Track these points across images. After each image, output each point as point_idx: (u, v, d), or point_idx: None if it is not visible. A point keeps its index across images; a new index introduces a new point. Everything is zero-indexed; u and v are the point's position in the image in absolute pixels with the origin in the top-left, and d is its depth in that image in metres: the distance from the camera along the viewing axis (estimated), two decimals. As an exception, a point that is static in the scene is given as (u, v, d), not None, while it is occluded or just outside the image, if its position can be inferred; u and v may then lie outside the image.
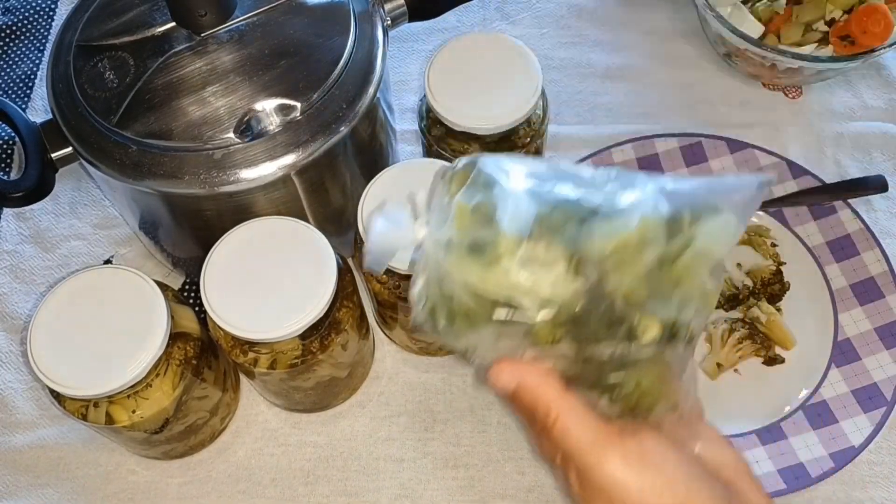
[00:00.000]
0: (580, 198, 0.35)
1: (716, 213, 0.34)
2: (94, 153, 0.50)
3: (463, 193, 0.35)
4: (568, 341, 0.34)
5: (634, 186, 0.35)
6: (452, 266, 0.34)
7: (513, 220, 0.33)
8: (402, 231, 0.36)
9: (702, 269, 0.34)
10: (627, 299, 0.33)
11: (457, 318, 0.35)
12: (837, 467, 0.55)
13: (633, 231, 0.33)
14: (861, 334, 0.60)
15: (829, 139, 0.71)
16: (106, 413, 0.49)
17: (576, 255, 0.33)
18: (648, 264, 0.34)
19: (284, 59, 0.51)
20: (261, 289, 0.48)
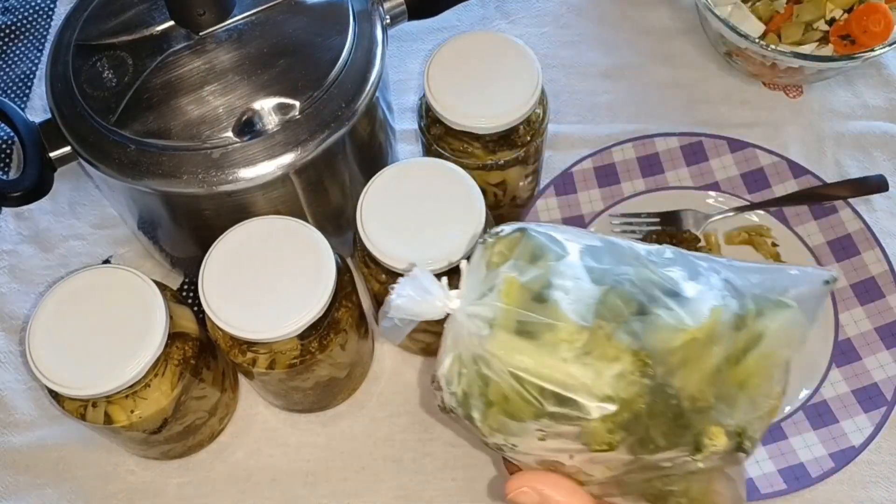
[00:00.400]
0: (641, 280, 0.32)
1: (782, 308, 0.32)
2: (93, 153, 0.50)
3: (512, 265, 0.31)
4: (625, 447, 0.30)
5: (697, 272, 0.32)
6: (497, 347, 0.30)
7: (573, 304, 0.30)
8: (430, 299, 0.32)
9: (770, 371, 0.32)
10: (694, 402, 0.30)
11: (495, 407, 0.31)
12: (838, 467, 0.55)
13: (703, 325, 0.30)
14: (861, 334, 0.60)
15: (829, 138, 0.71)
16: (105, 413, 0.49)
17: (641, 349, 0.30)
18: (716, 363, 0.31)
19: (283, 58, 0.51)
20: (259, 288, 0.48)
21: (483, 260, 0.33)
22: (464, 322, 0.31)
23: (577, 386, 0.29)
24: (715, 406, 0.30)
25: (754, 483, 0.55)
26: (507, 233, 0.33)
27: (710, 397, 0.30)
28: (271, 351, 0.50)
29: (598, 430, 0.30)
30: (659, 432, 0.30)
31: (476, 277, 0.32)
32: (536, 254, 0.32)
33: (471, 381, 0.31)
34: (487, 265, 0.32)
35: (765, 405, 0.32)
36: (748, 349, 0.31)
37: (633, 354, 0.30)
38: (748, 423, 0.31)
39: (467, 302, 0.32)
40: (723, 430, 0.30)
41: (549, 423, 0.30)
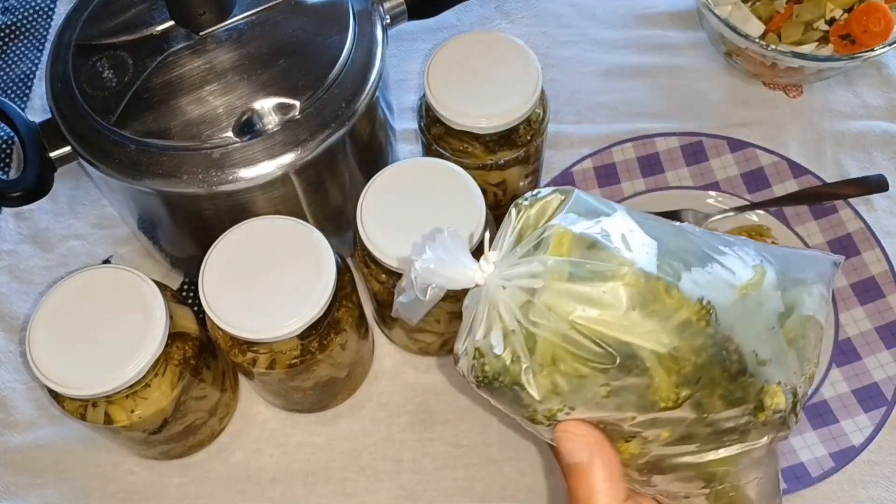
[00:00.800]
0: (686, 242, 0.31)
1: (803, 283, 0.33)
2: (93, 152, 0.50)
3: (563, 218, 0.29)
4: (689, 405, 0.29)
5: (730, 241, 0.33)
6: (553, 298, 0.28)
7: (636, 250, 0.29)
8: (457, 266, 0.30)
9: (811, 333, 0.32)
10: (755, 356, 0.30)
11: (549, 367, 0.29)
12: (838, 467, 0.55)
13: (752, 280, 0.31)
14: (861, 334, 0.60)
15: (829, 138, 0.71)
16: (105, 413, 0.49)
17: (702, 298, 0.29)
18: (768, 321, 0.31)
19: (283, 58, 0.51)
20: (259, 288, 0.48)
21: (518, 224, 0.31)
22: (496, 292, 0.29)
23: (643, 333, 0.28)
24: (772, 362, 0.30)
25: (754, 483, 0.55)
26: (545, 195, 0.31)
27: (768, 353, 0.30)
28: (271, 351, 0.50)
29: (663, 385, 0.29)
30: (722, 389, 0.29)
31: (510, 241, 0.30)
32: (584, 209, 0.30)
33: (517, 343, 0.29)
34: (520, 232, 0.30)
35: (807, 367, 0.32)
36: (790, 311, 0.32)
37: (697, 303, 0.29)
38: (798, 383, 0.31)
39: (500, 271, 0.30)
40: (781, 388, 0.30)
41: (615, 374, 0.28)
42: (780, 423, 0.31)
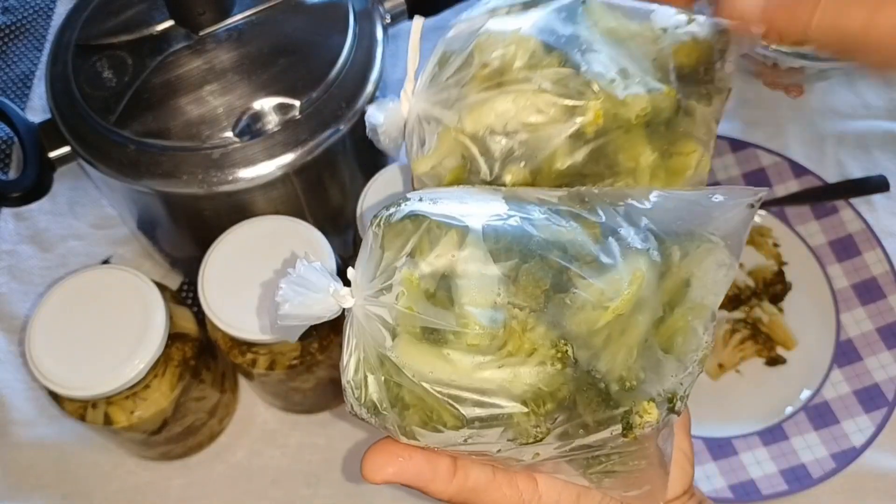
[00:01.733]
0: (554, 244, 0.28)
1: (706, 245, 0.30)
2: (93, 152, 0.50)
3: (409, 261, 0.28)
4: (553, 436, 0.28)
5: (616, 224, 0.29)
6: (404, 356, 0.27)
7: (478, 303, 0.27)
8: (320, 298, 0.29)
9: (697, 323, 0.29)
10: (622, 382, 0.28)
11: (411, 410, 0.28)
12: (839, 468, 0.55)
13: (625, 297, 0.28)
14: (863, 334, 0.60)
15: (830, 138, 0.71)
16: (104, 414, 0.49)
17: (559, 338, 0.27)
18: (643, 332, 0.28)
19: (283, 58, 0.51)
20: (259, 289, 0.48)
21: (375, 245, 0.29)
22: (363, 321, 0.28)
23: (495, 389, 0.27)
24: (644, 380, 0.28)
25: (755, 484, 0.55)
26: (398, 218, 0.28)
27: (640, 373, 0.28)
28: (271, 352, 0.49)
29: (523, 426, 0.28)
30: (588, 416, 0.28)
31: (370, 268, 0.29)
32: (433, 239, 0.28)
33: (380, 386, 0.28)
34: (381, 252, 0.29)
35: (694, 358, 0.29)
36: (674, 304, 0.29)
37: (551, 345, 0.27)
38: (678, 383, 0.29)
39: (363, 297, 0.28)
40: (654, 402, 0.28)
41: (470, 431, 0.28)
42: (655, 430, 0.29)
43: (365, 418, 0.29)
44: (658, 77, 0.32)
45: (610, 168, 0.32)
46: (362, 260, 0.29)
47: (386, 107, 0.34)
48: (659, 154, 0.32)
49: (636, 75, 0.32)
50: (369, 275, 0.29)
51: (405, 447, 0.30)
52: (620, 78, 0.32)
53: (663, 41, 0.33)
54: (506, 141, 0.31)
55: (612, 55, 0.32)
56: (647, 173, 0.32)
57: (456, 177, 0.32)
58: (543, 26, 0.32)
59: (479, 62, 0.32)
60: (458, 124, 0.32)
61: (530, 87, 0.31)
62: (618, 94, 0.31)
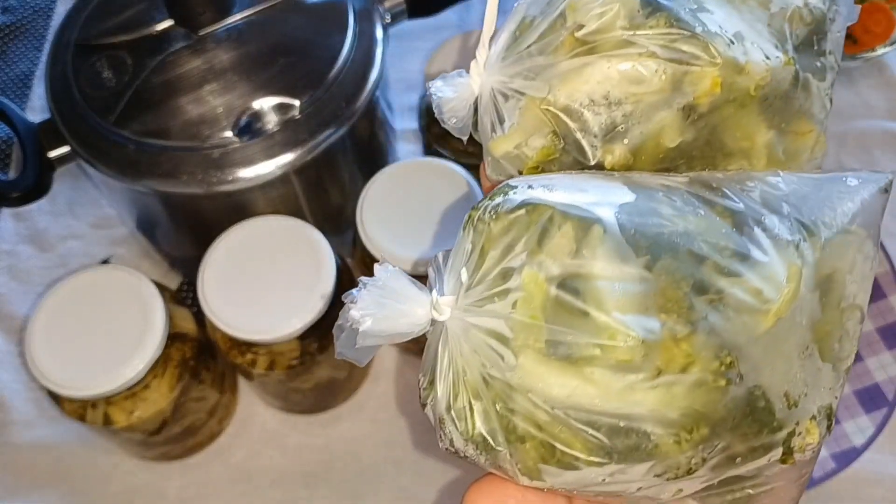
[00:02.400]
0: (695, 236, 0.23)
1: (846, 235, 0.26)
2: (92, 152, 0.50)
3: (530, 260, 0.22)
4: (706, 468, 0.24)
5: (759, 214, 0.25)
6: (527, 377, 0.22)
7: (625, 305, 0.22)
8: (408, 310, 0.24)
9: (850, 326, 0.26)
10: (788, 400, 0.24)
11: (528, 446, 0.23)
12: (839, 468, 0.54)
13: (785, 296, 0.23)
14: (863, 334, 0.60)
15: (830, 138, 0.71)
16: (104, 414, 0.49)
17: (721, 349, 0.22)
18: (804, 339, 0.24)
19: (283, 58, 0.51)
20: (259, 289, 0.48)
21: (477, 243, 0.23)
22: (460, 335, 0.23)
23: (646, 414, 0.22)
24: (806, 396, 0.24)
25: (756, 484, 0.55)
26: (509, 208, 0.23)
27: (803, 387, 0.24)
28: (271, 352, 0.49)
29: (672, 454, 0.23)
30: (745, 443, 0.24)
31: (469, 269, 0.24)
32: (557, 234, 0.23)
33: (489, 415, 0.23)
34: (480, 255, 0.23)
35: (846, 367, 0.26)
36: (827, 307, 0.25)
37: (714, 357, 0.22)
38: (833, 396, 0.25)
39: (464, 307, 0.23)
40: (815, 423, 0.24)
41: (614, 469, 0.23)
42: (814, 454, 0.25)
43: (470, 456, 0.24)
44: (775, 45, 0.28)
45: (721, 149, 0.27)
46: (457, 263, 0.24)
47: (453, 82, 0.29)
48: (776, 133, 0.28)
49: (753, 40, 0.27)
50: (467, 281, 0.24)
51: (516, 487, 0.25)
52: (737, 42, 0.27)
53: (777, 4, 0.29)
54: (607, 113, 0.26)
55: (726, 16, 0.28)
56: (763, 154, 0.28)
57: (545, 155, 0.27)
58: None
59: (572, 23, 0.26)
60: (548, 95, 0.26)
61: (636, 50, 0.26)
62: (738, 58, 0.26)
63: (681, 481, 0.24)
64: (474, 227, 0.24)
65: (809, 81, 0.29)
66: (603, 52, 0.26)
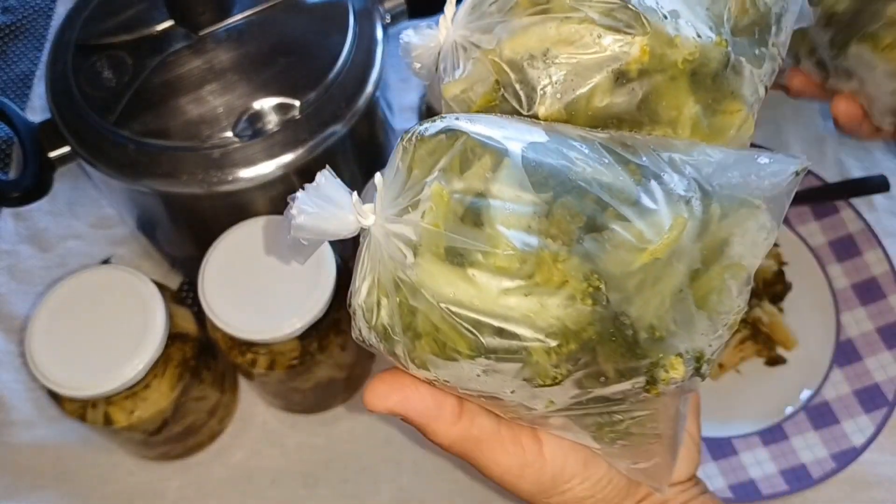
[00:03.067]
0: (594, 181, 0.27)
1: (748, 209, 0.28)
2: (93, 152, 0.50)
3: (442, 176, 0.26)
4: (571, 381, 0.27)
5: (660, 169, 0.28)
6: (424, 277, 0.26)
7: (512, 222, 0.26)
8: (338, 214, 0.27)
9: (732, 284, 0.28)
10: (652, 331, 0.26)
11: (423, 339, 0.27)
12: (839, 468, 0.55)
13: (665, 240, 0.26)
14: (863, 334, 0.60)
15: (830, 138, 0.71)
16: (104, 414, 0.49)
17: (592, 273, 0.26)
18: (678, 283, 0.27)
19: (283, 58, 0.51)
20: (259, 289, 0.48)
21: (403, 164, 0.27)
22: (382, 241, 0.27)
23: (519, 318, 0.26)
24: (673, 334, 0.27)
25: (755, 484, 0.55)
26: (432, 132, 0.27)
27: (670, 324, 0.27)
28: (271, 352, 0.49)
29: (542, 364, 0.26)
30: (610, 364, 0.27)
31: (394, 187, 0.27)
32: (469, 158, 0.26)
33: (393, 310, 0.27)
34: (408, 172, 0.27)
35: (725, 320, 0.28)
36: (710, 261, 0.28)
37: (583, 278, 0.25)
38: (707, 344, 0.28)
39: (385, 216, 0.27)
40: (681, 358, 0.27)
41: (487, 362, 0.26)
42: (679, 390, 0.28)
43: (373, 344, 0.28)
44: (710, 26, 0.30)
45: (649, 115, 0.30)
46: (387, 178, 0.28)
47: (422, 32, 0.32)
48: (702, 107, 0.30)
49: (688, 19, 0.30)
50: (394, 193, 0.27)
51: (413, 379, 0.29)
52: (671, 18, 0.30)
53: None
54: (544, 68, 0.29)
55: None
56: (688, 125, 0.31)
57: (487, 101, 0.30)
58: None
59: None
60: (496, 47, 0.30)
61: (577, 15, 0.29)
62: (668, 31, 0.29)
63: (548, 390, 0.27)
64: (404, 148, 0.27)
65: (742, 65, 0.31)
66: (548, 16, 0.29)
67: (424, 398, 0.29)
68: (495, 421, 0.30)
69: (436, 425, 0.29)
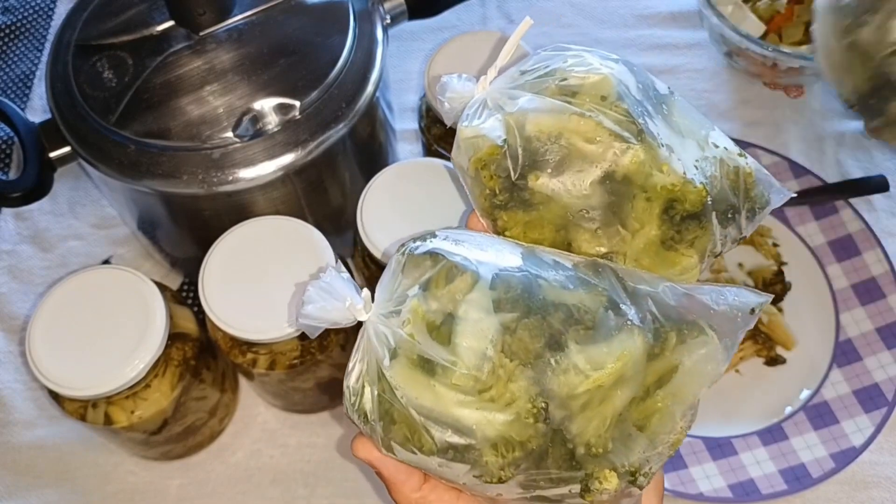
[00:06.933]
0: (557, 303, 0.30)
1: (703, 337, 0.31)
2: (93, 153, 0.50)
3: (420, 294, 0.31)
4: (515, 482, 0.30)
5: (620, 300, 0.31)
6: (397, 378, 0.30)
7: (471, 346, 0.29)
8: (338, 306, 0.32)
9: (676, 409, 0.31)
10: (589, 448, 0.30)
11: (395, 428, 0.31)
12: (839, 468, 0.55)
13: (609, 371, 0.29)
14: (862, 334, 0.60)
15: (830, 138, 0.71)
16: (105, 414, 0.49)
17: (540, 394, 0.29)
18: (619, 407, 0.30)
19: (283, 58, 0.51)
20: (259, 289, 0.48)
21: (397, 270, 0.32)
22: (372, 335, 0.31)
23: (471, 427, 0.29)
24: (611, 450, 0.30)
25: (755, 483, 0.55)
26: (420, 252, 0.32)
27: (608, 443, 0.30)
28: (271, 351, 0.50)
29: (489, 466, 0.30)
30: (550, 471, 0.30)
31: (387, 290, 0.32)
32: (448, 277, 0.31)
33: (373, 398, 0.31)
34: (398, 279, 0.32)
35: (666, 440, 0.31)
36: (658, 385, 0.31)
37: (529, 400, 0.29)
38: (645, 460, 0.31)
39: (376, 314, 0.31)
40: (616, 473, 0.30)
41: (441, 460, 0.30)
42: (613, 498, 0.31)
43: (355, 422, 0.32)
44: (695, 174, 0.34)
45: (616, 218, 0.33)
46: (384, 281, 0.32)
47: (462, 83, 0.37)
48: (661, 236, 0.33)
49: (680, 157, 0.34)
50: (385, 295, 0.32)
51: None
52: (667, 149, 0.33)
53: (710, 151, 0.35)
54: (549, 145, 0.33)
55: (668, 135, 0.34)
56: (641, 242, 0.34)
57: (490, 153, 0.34)
58: (628, 83, 0.35)
59: (560, 75, 0.34)
60: (517, 112, 0.34)
61: (593, 116, 0.33)
62: (661, 156, 0.33)
63: (496, 487, 0.30)
64: (398, 258, 0.32)
65: (711, 222, 0.34)
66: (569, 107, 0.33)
67: (398, 464, 0.33)
68: (455, 494, 0.34)
69: (401, 487, 0.33)
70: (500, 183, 0.34)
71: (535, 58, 0.37)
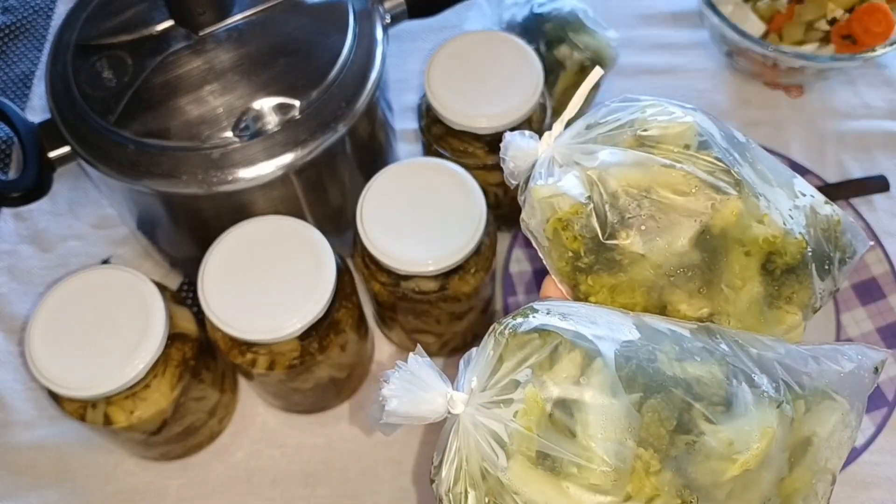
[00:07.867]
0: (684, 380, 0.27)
1: (831, 403, 0.28)
2: (93, 152, 0.50)
3: (533, 373, 0.27)
4: None
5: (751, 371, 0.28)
6: (516, 481, 0.26)
7: (608, 437, 0.26)
8: (428, 398, 0.28)
9: (819, 487, 0.28)
10: None
11: None
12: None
13: (756, 451, 0.26)
14: (863, 335, 0.60)
15: (830, 138, 0.71)
16: (104, 414, 0.49)
17: (685, 487, 0.26)
18: (766, 491, 0.27)
19: (283, 58, 0.51)
20: (259, 289, 0.48)
21: (494, 354, 0.28)
22: (471, 429, 0.27)
23: None
24: None
25: (755, 484, 0.55)
26: (526, 329, 0.28)
27: None
28: (271, 352, 0.49)
29: None
30: None
31: (483, 376, 0.28)
32: (564, 357, 0.27)
33: (480, 502, 0.27)
34: (498, 362, 0.28)
35: None
36: (795, 461, 0.28)
37: (676, 494, 0.26)
38: None
39: (475, 405, 0.27)
40: None
41: None
42: None
43: None
44: (792, 225, 0.31)
45: (717, 275, 0.31)
46: (478, 366, 0.28)
47: (526, 140, 0.34)
48: (762, 293, 0.31)
49: (777, 208, 0.31)
50: (482, 383, 0.28)
51: None
52: (764, 200, 0.31)
53: (800, 200, 0.33)
54: (638, 201, 0.31)
55: (760, 184, 0.32)
56: (745, 301, 0.31)
57: (573, 212, 0.32)
58: (712, 131, 0.33)
59: (640, 126, 0.32)
60: (597, 167, 0.31)
61: (682, 166, 0.31)
62: (760, 206, 0.31)
63: None
64: (496, 338, 0.28)
65: (811, 273, 0.32)
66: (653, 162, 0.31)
67: None
68: None
69: None
70: (585, 244, 0.31)
71: (604, 110, 0.34)
